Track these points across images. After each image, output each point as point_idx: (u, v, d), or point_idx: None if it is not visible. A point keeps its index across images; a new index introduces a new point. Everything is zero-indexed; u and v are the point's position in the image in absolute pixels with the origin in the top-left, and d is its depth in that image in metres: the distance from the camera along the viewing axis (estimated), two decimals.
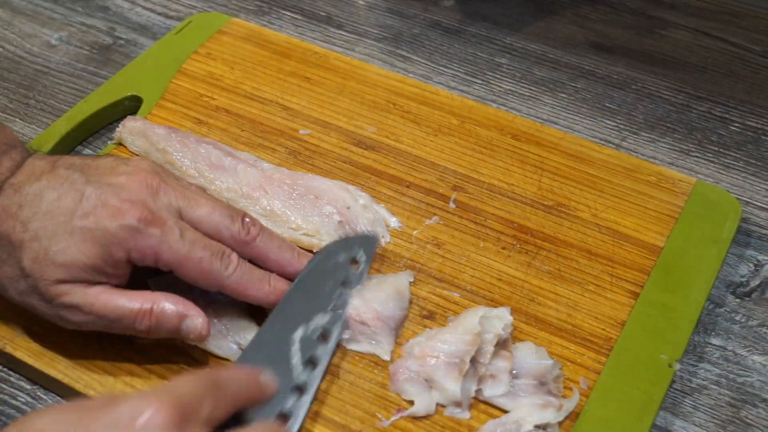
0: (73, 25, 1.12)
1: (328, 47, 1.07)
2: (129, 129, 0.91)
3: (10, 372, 0.77)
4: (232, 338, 0.76)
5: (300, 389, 0.70)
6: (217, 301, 0.77)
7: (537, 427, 0.71)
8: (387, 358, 0.75)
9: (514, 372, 0.74)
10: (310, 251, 0.82)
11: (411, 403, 0.72)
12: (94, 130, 0.97)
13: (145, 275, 0.75)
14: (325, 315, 0.75)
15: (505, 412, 0.72)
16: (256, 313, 0.76)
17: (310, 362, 0.72)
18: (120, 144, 0.92)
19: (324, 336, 0.74)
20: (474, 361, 0.73)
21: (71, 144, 0.94)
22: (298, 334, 0.73)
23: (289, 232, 0.83)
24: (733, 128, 0.99)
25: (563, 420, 0.72)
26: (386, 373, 0.75)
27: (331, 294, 0.77)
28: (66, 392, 0.75)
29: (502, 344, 0.74)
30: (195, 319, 0.72)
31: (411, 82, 1.00)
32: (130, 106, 0.97)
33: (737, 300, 0.83)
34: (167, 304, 0.72)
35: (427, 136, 0.94)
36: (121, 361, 0.75)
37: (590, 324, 0.78)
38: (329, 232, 0.83)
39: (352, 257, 0.79)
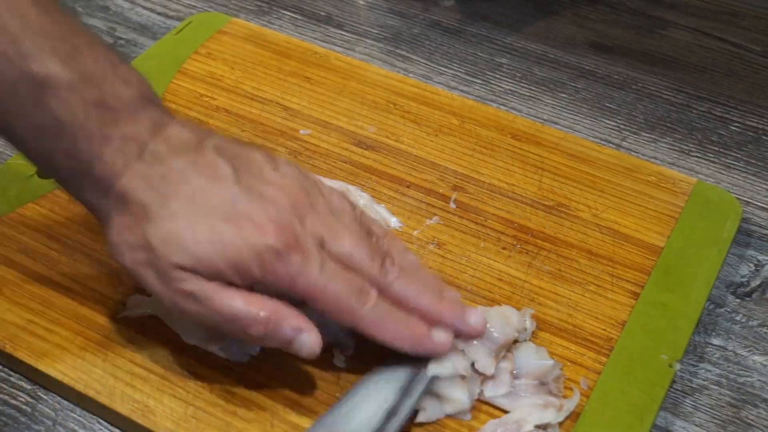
0: None
1: (329, 47, 1.07)
2: None
3: (11, 372, 0.77)
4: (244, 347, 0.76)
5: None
6: None
7: (537, 427, 0.71)
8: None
9: (514, 372, 0.74)
10: None
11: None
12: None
13: None
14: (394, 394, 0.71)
15: (506, 412, 0.72)
16: None
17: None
18: None
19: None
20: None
21: None
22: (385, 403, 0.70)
23: None
24: (733, 128, 0.99)
25: (564, 420, 0.71)
26: None
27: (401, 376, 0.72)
28: (66, 392, 0.75)
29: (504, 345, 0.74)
30: (310, 336, 0.69)
31: (411, 82, 1.00)
32: None
33: (738, 300, 0.83)
34: (286, 316, 0.69)
35: (427, 136, 0.94)
36: (122, 361, 0.75)
37: (591, 324, 0.78)
38: None
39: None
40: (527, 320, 0.76)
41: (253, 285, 0.68)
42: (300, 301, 0.69)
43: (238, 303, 0.68)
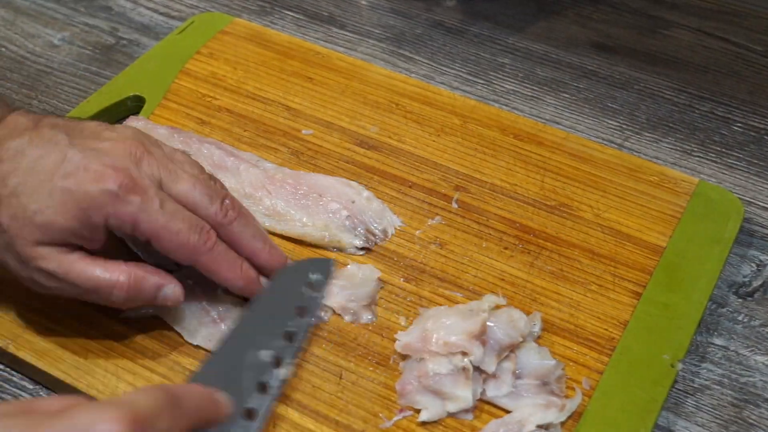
0: (76, 25, 1.12)
1: (331, 47, 1.07)
2: None
3: (13, 372, 0.77)
4: (225, 326, 0.76)
5: (250, 413, 0.67)
6: (211, 289, 0.77)
7: (539, 427, 0.71)
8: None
9: (516, 372, 0.74)
10: (320, 246, 0.83)
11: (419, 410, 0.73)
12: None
13: (122, 242, 0.76)
14: (278, 340, 0.71)
15: (508, 412, 0.72)
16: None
17: (262, 387, 0.68)
18: None
19: (277, 362, 0.70)
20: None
21: None
22: (250, 357, 0.70)
23: (297, 228, 0.84)
24: (735, 128, 0.99)
25: (566, 420, 0.71)
26: (389, 372, 0.75)
27: (285, 320, 0.73)
28: (69, 392, 0.74)
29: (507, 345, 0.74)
30: (170, 288, 0.73)
31: (413, 82, 1.00)
32: (133, 106, 0.97)
33: (740, 300, 0.83)
34: (143, 275, 0.72)
35: (429, 136, 0.94)
36: (124, 361, 0.75)
37: (593, 324, 0.78)
38: (339, 226, 0.84)
39: (308, 281, 0.76)
40: (537, 325, 0.77)
41: (108, 246, 0.72)
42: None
43: (97, 271, 0.71)
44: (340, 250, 0.83)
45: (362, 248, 0.84)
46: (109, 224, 0.71)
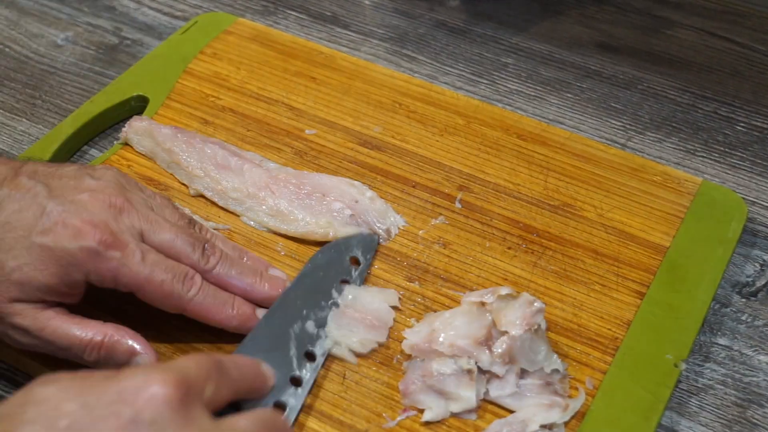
0: (80, 25, 1.12)
1: (334, 47, 1.08)
2: (135, 129, 0.91)
3: (16, 372, 0.77)
4: None
5: (296, 381, 0.71)
6: None
7: (543, 426, 0.71)
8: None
9: (519, 372, 0.74)
10: (325, 242, 0.83)
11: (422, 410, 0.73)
12: (101, 130, 0.97)
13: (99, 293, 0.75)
14: (323, 311, 0.76)
15: (511, 412, 0.72)
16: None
17: (307, 356, 0.73)
18: (126, 144, 0.92)
19: (319, 336, 0.75)
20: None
21: (77, 144, 0.94)
22: (296, 328, 0.74)
23: (301, 227, 0.84)
24: (739, 128, 0.99)
25: (569, 420, 0.71)
26: (392, 372, 0.75)
27: (329, 290, 0.77)
28: None
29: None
30: (144, 356, 0.71)
31: (417, 82, 1.00)
32: (137, 106, 0.98)
33: (743, 300, 0.83)
34: (119, 338, 0.71)
35: (432, 136, 0.94)
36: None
37: (596, 324, 0.78)
38: (343, 225, 0.84)
39: (352, 255, 0.80)
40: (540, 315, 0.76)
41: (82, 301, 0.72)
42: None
43: (71, 330, 0.70)
44: None
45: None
46: (89, 280, 0.70)
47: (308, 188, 0.86)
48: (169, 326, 0.76)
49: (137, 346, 0.71)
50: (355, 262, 0.81)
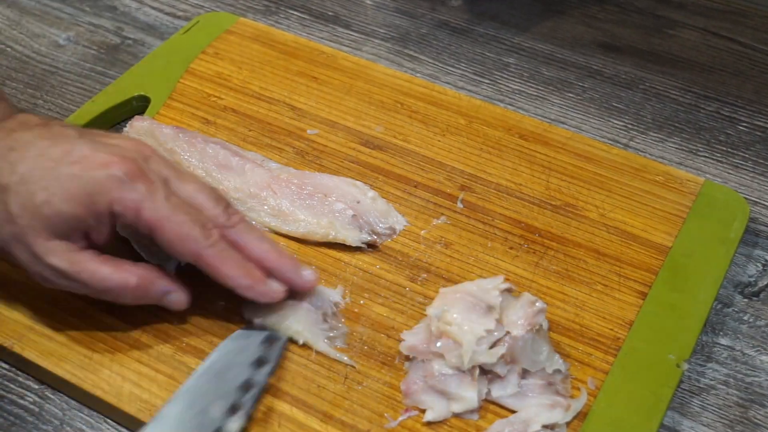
0: (81, 25, 1.12)
1: (336, 47, 1.07)
2: (137, 129, 0.91)
3: (18, 372, 0.77)
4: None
5: None
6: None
7: (545, 427, 0.71)
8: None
9: (521, 372, 0.74)
10: (325, 243, 0.83)
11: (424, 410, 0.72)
12: (102, 129, 0.96)
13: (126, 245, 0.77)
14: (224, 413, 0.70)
15: (513, 412, 0.72)
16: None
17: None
18: None
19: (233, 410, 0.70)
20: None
21: None
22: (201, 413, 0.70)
23: (302, 228, 0.84)
24: (741, 128, 0.99)
25: (571, 420, 0.71)
26: (394, 372, 0.75)
27: (230, 394, 0.71)
28: (73, 392, 0.75)
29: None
30: (177, 294, 0.74)
31: (419, 82, 1.00)
32: (138, 106, 0.98)
33: (745, 300, 0.83)
34: (153, 279, 0.73)
35: (434, 135, 0.93)
36: (130, 361, 0.75)
37: (598, 324, 0.78)
38: (345, 226, 0.84)
39: (257, 357, 0.74)
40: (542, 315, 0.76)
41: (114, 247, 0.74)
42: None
43: (107, 272, 0.72)
44: (345, 245, 0.84)
45: (368, 244, 0.84)
46: (113, 211, 0.71)
47: (310, 188, 0.86)
48: (148, 336, 0.77)
49: (170, 287, 0.74)
50: (260, 363, 0.74)
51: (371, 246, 0.84)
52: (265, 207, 0.85)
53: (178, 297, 0.74)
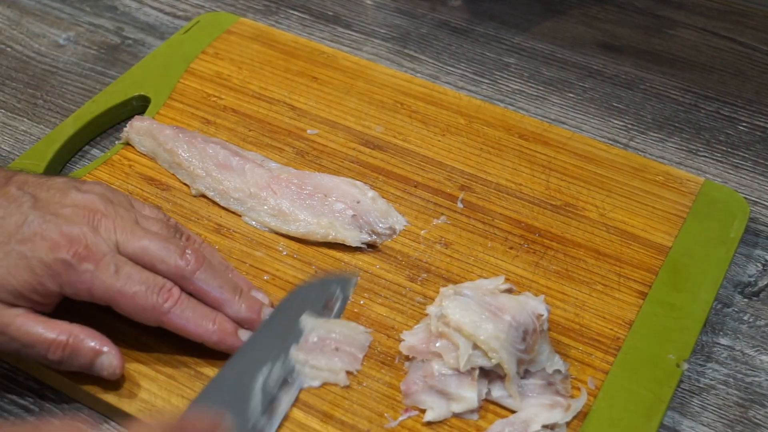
0: (81, 24, 1.12)
1: (336, 47, 1.07)
2: (136, 129, 0.91)
3: (18, 371, 0.77)
4: None
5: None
6: None
7: (545, 427, 0.70)
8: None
9: (521, 372, 0.73)
10: (325, 243, 0.83)
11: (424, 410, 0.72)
12: (102, 129, 0.97)
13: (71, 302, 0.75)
14: (288, 360, 0.73)
15: (513, 412, 0.72)
16: None
17: (270, 408, 0.70)
18: (128, 144, 0.92)
19: (286, 381, 0.72)
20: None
21: (79, 144, 0.94)
22: (260, 377, 0.71)
23: (302, 227, 0.83)
24: (741, 128, 0.99)
25: (571, 420, 0.71)
26: (394, 372, 0.75)
27: (299, 330, 0.74)
28: (74, 392, 0.75)
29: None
30: (109, 356, 0.72)
31: (419, 82, 1.00)
32: (138, 105, 0.98)
33: (745, 300, 0.83)
34: (84, 338, 0.71)
35: (434, 135, 0.94)
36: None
37: (598, 324, 0.78)
38: (344, 226, 0.83)
39: (326, 299, 0.78)
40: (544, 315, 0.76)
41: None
42: None
43: (36, 329, 0.71)
44: (346, 245, 0.83)
45: (368, 244, 0.84)
46: (65, 292, 0.71)
47: (310, 188, 0.86)
48: (148, 336, 0.76)
49: (102, 347, 0.72)
50: (327, 306, 0.78)
51: (371, 246, 0.84)
52: (265, 207, 0.85)
53: (108, 360, 0.71)
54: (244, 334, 0.74)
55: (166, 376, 0.74)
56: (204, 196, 0.87)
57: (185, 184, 0.88)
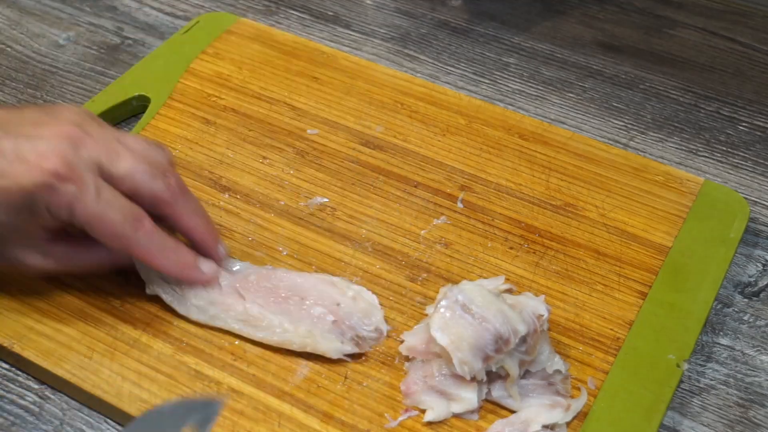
0: (81, 24, 1.12)
1: (336, 47, 1.07)
2: None
3: (18, 371, 0.77)
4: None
5: None
6: None
7: (545, 427, 0.71)
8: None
9: (521, 372, 0.74)
10: (304, 352, 0.76)
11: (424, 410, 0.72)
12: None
13: None
14: None
15: (513, 412, 0.72)
16: None
17: None
18: None
19: None
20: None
21: None
22: None
23: (278, 334, 0.76)
24: (741, 128, 0.99)
25: (571, 420, 0.71)
26: (394, 372, 0.75)
27: None
28: (74, 392, 0.75)
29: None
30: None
31: (419, 82, 1.00)
32: (138, 105, 0.98)
33: (745, 300, 0.83)
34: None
35: (434, 135, 0.94)
36: (130, 361, 0.75)
37: (598, 324, 0.78)
38: (324, 334, 0.75)
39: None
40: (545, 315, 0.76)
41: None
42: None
43: (82, 257, 0.76)
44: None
45: (353, 355, 0.76)
46: (51, 213, 0.71)
47: (284, 291, 0.78)
48: (148, 336, 0.77)
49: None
50: None
51: (356, 357, 0.76)
52: (231, 313, 0.77)
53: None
54: (206, 266, 0.77)
55: (165, 376, 0.74)
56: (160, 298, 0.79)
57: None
